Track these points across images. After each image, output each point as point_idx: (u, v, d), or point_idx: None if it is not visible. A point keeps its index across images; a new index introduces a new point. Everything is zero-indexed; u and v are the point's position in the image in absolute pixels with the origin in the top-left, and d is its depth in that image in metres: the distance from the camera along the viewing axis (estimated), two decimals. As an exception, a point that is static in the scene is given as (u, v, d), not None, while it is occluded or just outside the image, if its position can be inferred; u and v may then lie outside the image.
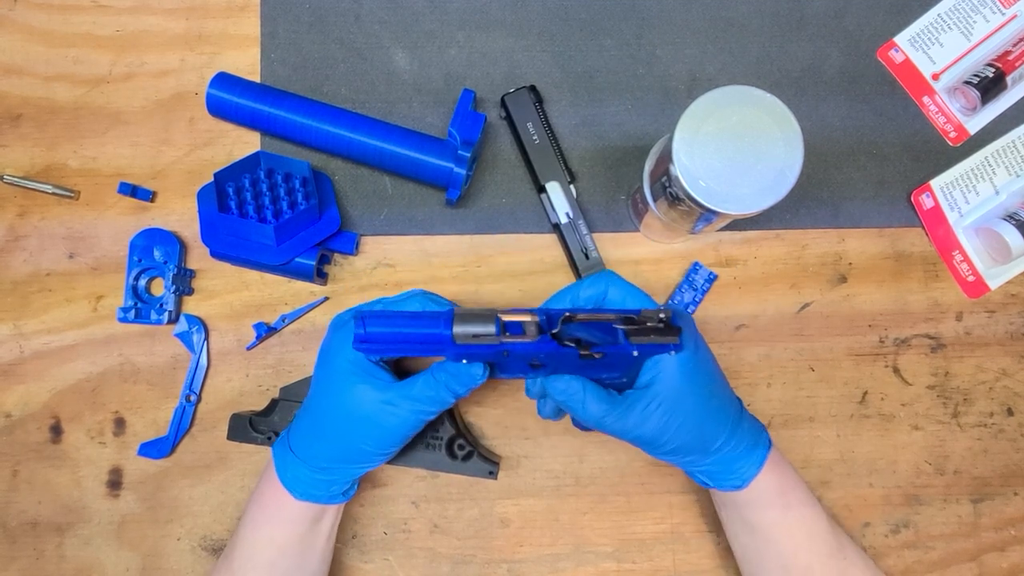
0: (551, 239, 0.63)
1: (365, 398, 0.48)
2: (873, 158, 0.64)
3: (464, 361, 0.46)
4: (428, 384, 0.48)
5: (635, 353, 0.45)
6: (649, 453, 0.50)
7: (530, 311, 0.45)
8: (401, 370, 0.59)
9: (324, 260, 0.61)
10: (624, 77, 0.64)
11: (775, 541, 0.51)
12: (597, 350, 0.45)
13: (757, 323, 0.63)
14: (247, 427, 0.58)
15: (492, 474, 0.59)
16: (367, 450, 0.49)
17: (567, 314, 0.45)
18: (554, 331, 0.44)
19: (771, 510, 0.51)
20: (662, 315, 0.45)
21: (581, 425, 0.56)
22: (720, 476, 0.50)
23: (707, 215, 0.50)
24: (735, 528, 0.53)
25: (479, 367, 0.47)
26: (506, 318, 0.44)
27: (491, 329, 0.44)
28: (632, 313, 0.45)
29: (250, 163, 0.58)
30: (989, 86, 0.62)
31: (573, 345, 0.45)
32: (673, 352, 0.46)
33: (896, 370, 0.63)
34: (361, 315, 0.45)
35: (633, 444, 0.49)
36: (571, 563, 0.60)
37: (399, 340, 0.45)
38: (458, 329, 0.44)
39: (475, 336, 0.44)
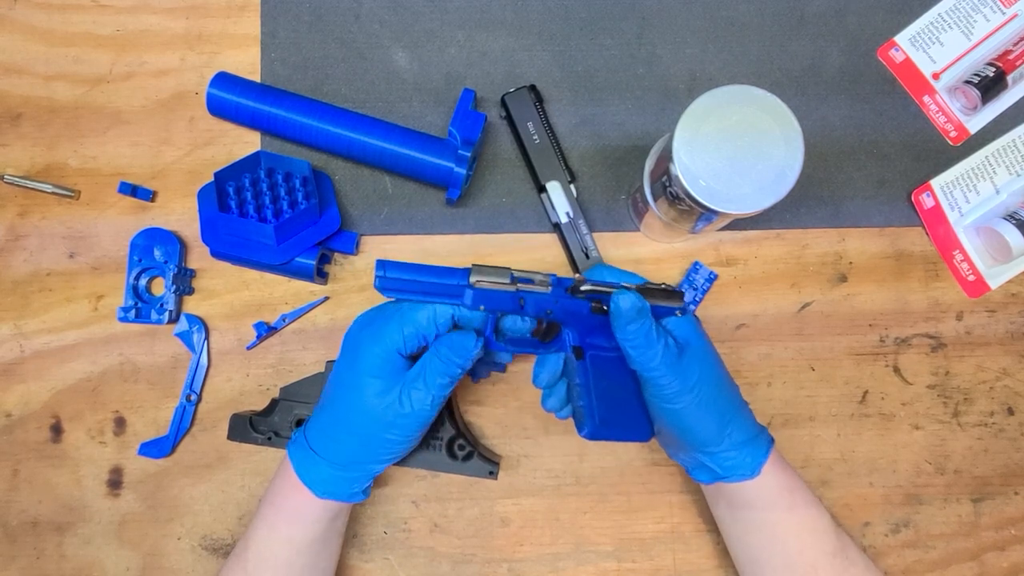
0: (551, 239, 0.63)
1: (383, 390, 0.48)
2: (873, 157, 0.64)
3: (482, 308, 0.49)
4: (432, 360, 0.48)
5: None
6: (669, 417, 0.49)
7: (544, 273, 0.50)
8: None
9: (324, 260, 0.61)
10: (624, 77, 0.64)
11: (780, 540, 0.51)
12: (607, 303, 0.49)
13: (757, 322, 0.63)
14: (247, 427, 0.58)
15: (492, 474, 0.59)
16: (392, 439, 0.49)
17: (579, 277, 0.50)
18: (566, 289, 0.49)
19: (776, 508, 0.51)
20: (665, 285, 0.50)
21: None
22: (731, 463, 0.50)
23: (707, 215, 0.50)
24: (738, 527, 0.53)
25: (471, 336, 0.49)
26: (520, 274, 0.49)
27: (505, 280, 0.48)
28: (636, 284, 0.50)
29: (250, 163, 0.58)
30: (989, 85, 0.62)
31: (585, 299, 0.49)
32: (679, 313, 0.50)
33: (896, 369, 0.63)
34: (382, 261, 0.48)
35: (657, 391, 0.49)
36: (571, 562, 0.60)
37: (419, 283, 0.48)
38: (474, 278, 0.48)
39: (491, 282, 0.48)
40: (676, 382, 0.47)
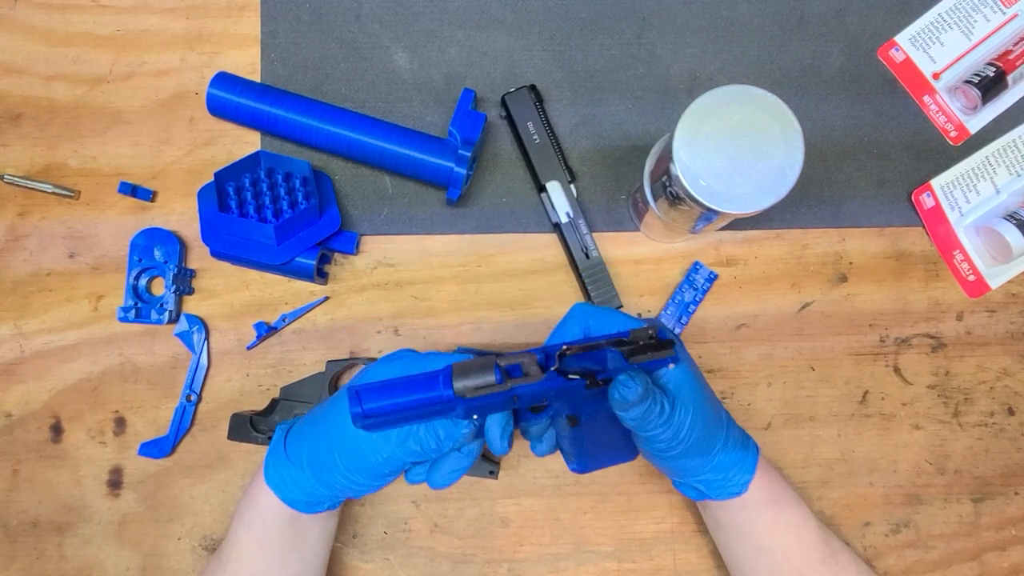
0: (551, 238, 0.63)
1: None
2: (874, 157, 0.64)
3: (475, 417, 0.44)
4: (421, 425, 0.45)
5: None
6: (657, 458, 0.49)
7: (527, 352, 0.44)
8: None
9: (324, 260, 0.61)
10: (624, 76, 0.64)
11: (766, 549, 0.51)
12: (602, 377, 0.44)
13: (758, 322, 0.63)
14: (247, 427, 0.58)
15: (493, 473, 0.59)
16: (332, 459, 0.47)
17: (564, 347, 0.44)
18: (555, 367, 0.43)
19: (762, 516, 0.51)
20: (650, 332, 0.45)
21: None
22: (718, 484, 0.50)
23: (707, 214, 0.50)
24: (725, 536, 0.54)
25: (466, 425, 0.44)
26: (504, 363, 0.43)
27: (491, 379, 0.42)
28: (622, 336, 0.45)
29: (250, 163, 0.58)
30: (990, 85, 0.62)
31: (578, 377, 0.44)
32: (672, 365, 0.47)
33: (897, 369, 0.63)
34: (355, 390, 0.42)
35: (649, 449, 0.48)
36: (572, 562, 0.60)
37: (403, 409, 0.43)
38: (459, 385, 0.42)
39: (479, 388, 0.42)
40: (667, 434, 0.46)
